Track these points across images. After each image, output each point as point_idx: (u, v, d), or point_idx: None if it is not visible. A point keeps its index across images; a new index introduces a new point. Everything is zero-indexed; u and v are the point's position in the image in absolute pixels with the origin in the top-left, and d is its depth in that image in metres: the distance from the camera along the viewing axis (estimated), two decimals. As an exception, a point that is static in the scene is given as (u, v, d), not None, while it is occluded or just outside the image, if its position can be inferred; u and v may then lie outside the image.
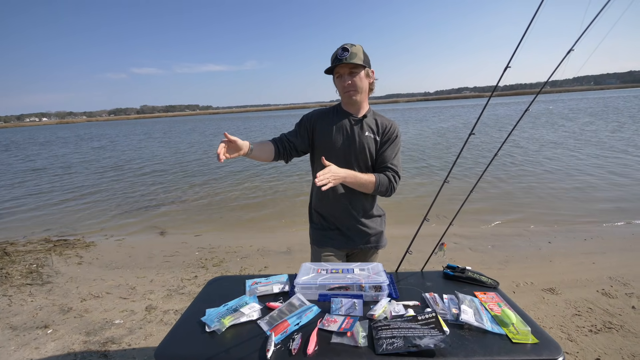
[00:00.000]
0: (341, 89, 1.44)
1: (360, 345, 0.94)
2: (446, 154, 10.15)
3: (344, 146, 1.46)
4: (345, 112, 1.50)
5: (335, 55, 1.39)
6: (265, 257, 3.75)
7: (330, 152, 1.45)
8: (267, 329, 1.02)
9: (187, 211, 5.92)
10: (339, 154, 1.45)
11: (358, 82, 1.40)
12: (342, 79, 1.41)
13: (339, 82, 1.44)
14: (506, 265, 3.27)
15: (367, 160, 1.47)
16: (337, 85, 1.46)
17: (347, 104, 1.50)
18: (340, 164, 1.40)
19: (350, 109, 1.50)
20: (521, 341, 0.95)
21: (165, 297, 2.88)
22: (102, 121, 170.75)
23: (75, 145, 21.64)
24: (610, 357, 1.92)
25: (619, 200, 5.10)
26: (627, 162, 7.48)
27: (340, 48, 1.38)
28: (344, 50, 1.36)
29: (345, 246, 1.53)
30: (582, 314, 2.35)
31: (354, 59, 1.35)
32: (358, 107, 1.49)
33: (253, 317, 1.10)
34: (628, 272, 2.95)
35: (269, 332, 1.00)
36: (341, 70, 1.40)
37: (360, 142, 1.45)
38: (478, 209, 4.98)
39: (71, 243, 4.52)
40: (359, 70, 1.40)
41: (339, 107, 1.53)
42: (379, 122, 1.49)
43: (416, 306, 1.14)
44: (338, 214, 1.51)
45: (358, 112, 1.50)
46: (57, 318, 2.62)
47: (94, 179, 9.19)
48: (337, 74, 1.43)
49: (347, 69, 1.39)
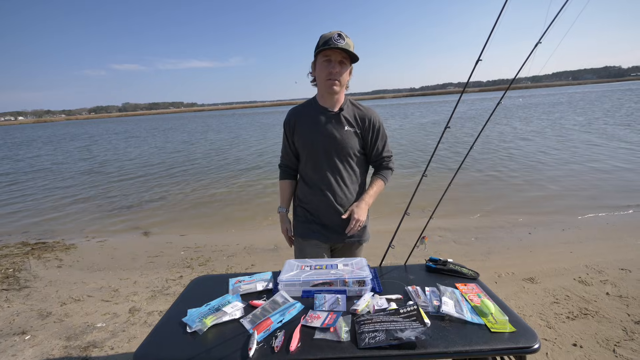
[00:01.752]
0: (326, 75, 1.34)
1: (343, 340, 0.94)
2: (428, 147, 10.31)
3: (324, 145, 1.43)
4: (320, 108, 1.45)
5: (328, 38, 1.30)
6: (252, 255, 3.72)
7: (312, 152, 1.43)
8: (250, 327, 1.02)
9: (172, 211, 5.80)
10: (321, 153, 1.43)
11: (344, 75, 1.36)
12: (331, 64, 1.33)
13: (324, 66, 1.34)
14: (488, 256, 3.35)
15: (350, 155, 1.45)
16: (321, 70, 1.36)
17: (324, 95, 1.43)
18: (323, 163, 1.41)
19: (327, 103, 1.44)
20: (499, 330, 0.98)
21: (150, 299, 2.82)
22: (83, 119, 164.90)
23: (54, 145, 20.84)
24: (586, 342, 2.00)
25: (595, 190, 5.31)
26: (605, 152, 7.78)
27: (336, 33, 1.30)
28: (339, 37, 1.29)
29: (329, 240, 1.53)
30: (560, 302, 2.44)
31: (350, 49, 1.30)
32: (334, 101, 1.43)
33: (235, 315, 1.09)
34: (602, 260, 3.08)
35: (251, 331, 0.99)
36: (332, 56, 1.32)
37: (341, 138, 1.43)
38: (461, 202, 5.08)
39: (50, 246, 4.36)
40: (348, 63, 1.36)
41: (313, 103, 1.47)
42: (357, 115, 1.46)
43: (399, 299, 1.15)
44: (323, 209, 1.49)
45: (334, 106, 1.44)
46: (36, 323, 2.52)
47: (72, 180, 8.89)
48: (326, 57, 1.33)
49: (340, 56, 1.32)
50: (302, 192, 1.55)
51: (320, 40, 1.33)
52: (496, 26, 1.22)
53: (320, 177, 1.45)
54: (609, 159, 7.31)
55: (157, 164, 10.80)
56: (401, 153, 9.55)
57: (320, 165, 1.45)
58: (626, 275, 2.76)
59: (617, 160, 7.17)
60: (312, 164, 1.46)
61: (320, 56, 1.34)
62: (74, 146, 18.84)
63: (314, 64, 1.41)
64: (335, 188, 1.45)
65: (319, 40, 1.34)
